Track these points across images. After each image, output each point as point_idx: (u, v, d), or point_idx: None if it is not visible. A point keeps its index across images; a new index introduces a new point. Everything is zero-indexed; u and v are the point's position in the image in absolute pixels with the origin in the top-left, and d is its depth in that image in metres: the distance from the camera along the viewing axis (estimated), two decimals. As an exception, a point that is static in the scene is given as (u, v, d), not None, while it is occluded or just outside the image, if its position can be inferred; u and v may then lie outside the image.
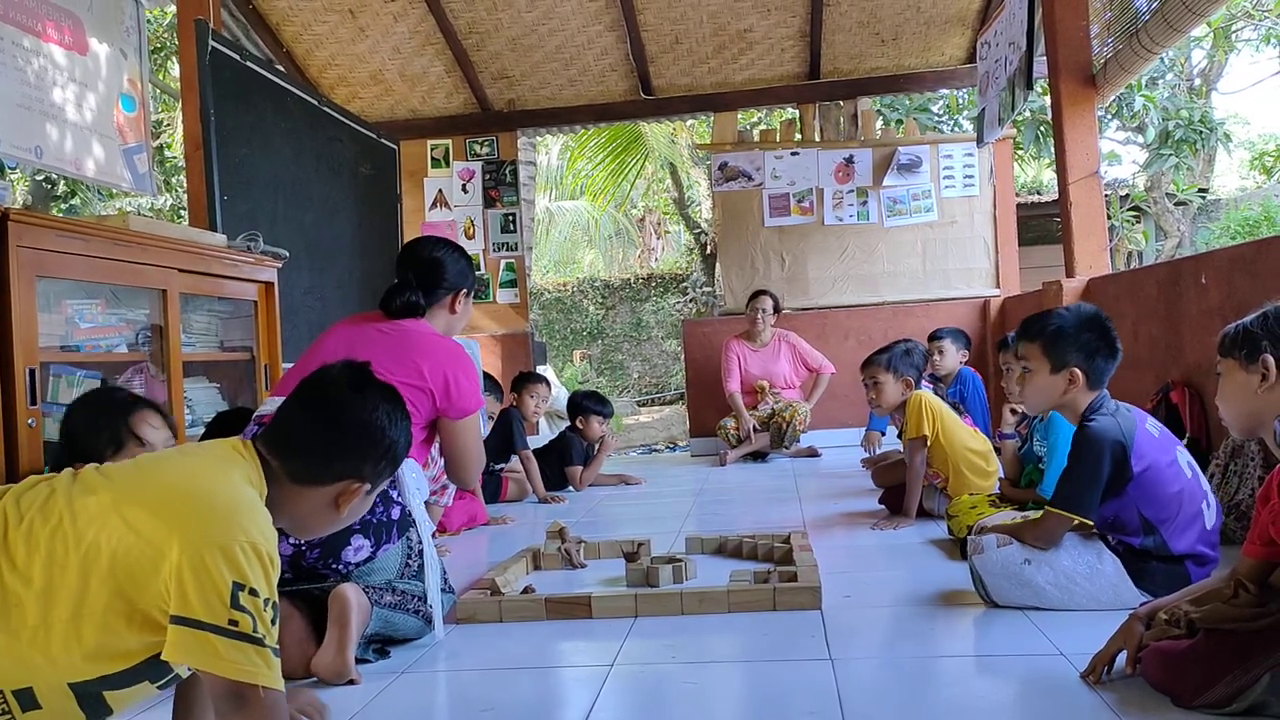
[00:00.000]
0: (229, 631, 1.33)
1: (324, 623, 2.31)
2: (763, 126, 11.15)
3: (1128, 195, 12.68)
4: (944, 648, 2.43)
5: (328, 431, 1.59)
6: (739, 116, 7.92)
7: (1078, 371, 2.48)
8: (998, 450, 3.84)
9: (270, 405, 2.48)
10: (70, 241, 3.21)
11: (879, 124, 8.11)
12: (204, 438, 3.22)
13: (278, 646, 1.39)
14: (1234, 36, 12.47)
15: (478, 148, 7.86)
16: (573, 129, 8.90)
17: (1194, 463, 2.53)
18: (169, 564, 1.33)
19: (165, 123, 11.85)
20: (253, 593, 1.35)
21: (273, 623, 1.39)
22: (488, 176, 7.84)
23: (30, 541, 1.35)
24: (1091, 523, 2.46)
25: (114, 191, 10.16)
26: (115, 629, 1.35)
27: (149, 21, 6.16)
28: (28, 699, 1.34)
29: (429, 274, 2.70)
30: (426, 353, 2.54)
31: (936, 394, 4.27)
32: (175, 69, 9.53)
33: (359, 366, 1.70)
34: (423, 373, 2.52)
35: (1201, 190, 13.67)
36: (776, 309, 6.72)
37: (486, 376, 5.07)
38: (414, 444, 2.41)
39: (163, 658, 1.35)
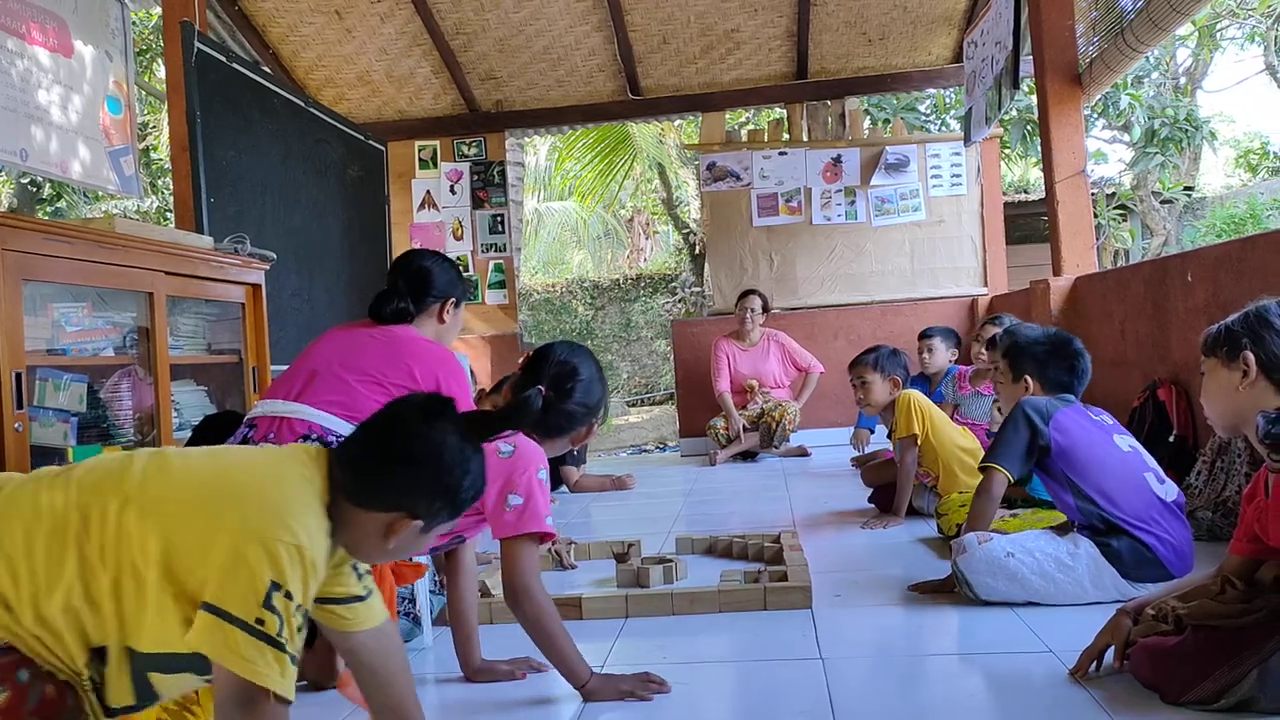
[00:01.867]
0: (253, 629, 1.31)
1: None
2: (750, 126, 11.16)
3: (1114, 194, 12.74)
4: (934, 646, 2.44)
5: (387, 457, 1.51)
6: (727, 116, 7.92)
7: (1029, 380, 2.86)
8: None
9: (261, 408, 2.48)
10: (56, 244, 3.19)
11: (866, 124, 8.13)
12: (191, 441, 3.20)
13: (298, 656, 1.37)
14: (1219, 35, 12.54)
15: (465, 148, 7.85)
16: (561, 129, 8.89)
17: (1138, 447, 2.68)
18: (210, 553, 1.34)
19: (151, 125, 11.80)
20: (287, 595, 1.34)
21: (299, 630, 1.37)
22: (476, 177, 7.83)
23: (99, 517, 1.37)
24: (1012, 477, 2.70)
25: (100, 194, 10.11)
26: (166, 608, 1.36)
27: (134, 23, 6.13)
28: (102, 656, 1.37)
29: (417, 282, 2.70)
30: (418, 356, 2.55)
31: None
32: (161, 71, 9.49)
33: (442, 397, 1.60)
34: (414, 375, 2.52)
35: (1187, 188, 13.75)
36: (765, 308, 6.73)
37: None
38: None
39: (184, 639, 1.34)
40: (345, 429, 2.37)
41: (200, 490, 1.40)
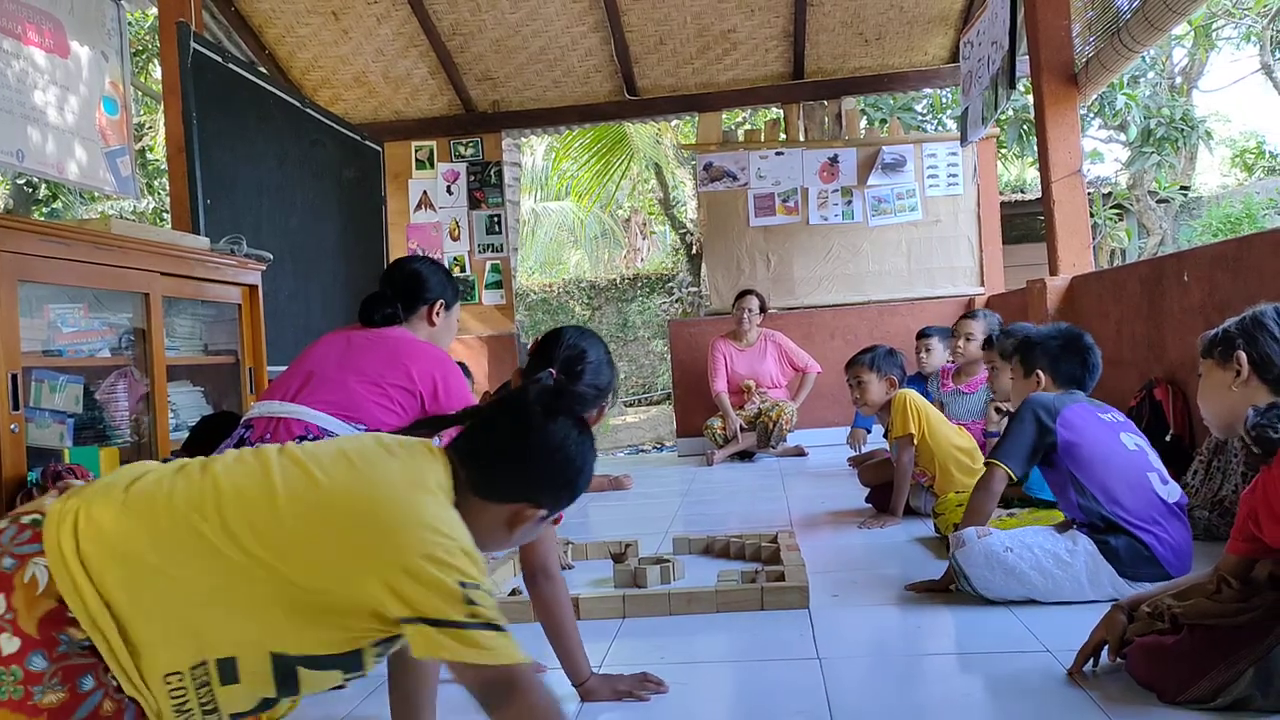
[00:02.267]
0: (472, 624, 1.35)
1: None
2: (747, 126, 11.17)
3: (1110, 193, 12.75)
4: (931, 645, 2.44)
5: (513, 452, 1.55)
6: (723, 117, 7.92)
7: (1041, 374, 2.83)
8: (983, 448, 3.86)
9: (258, 409, 2.48)
10: (52, 245, 3.19)
11: (863, 123, 8.14)
12: (189, 442, 3.20)
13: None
14: (1214, 34, 12.55)
15: (462, 149, 7.84)
16: (557, 130, 8.89)
17: (1144, 444, 2.67)
18: (385, 575, 1.34)
19: (147, 126, 11.79)
20: (476, 586, 1.37)
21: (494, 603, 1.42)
22: (472, 178, 7.82)
23: (247, 521, 1.36)
24: (1015, 476, 2.69)
25: (95, 195, 10.11)
26: (329, 619, 1.37)
27: (130, 24, 6.13)
28: (229, 671, 1.35)
29: (406, 285, 2.72)
30: (414, 356, 2.56)
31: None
32: (157, 71, 9.48)
33: (555, 389, 1.64)
34: (412, 376, 2.54)
35: (1183, 188, 13.77)
36: (763, 309, 6.74)
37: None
38: None
39: (415, 654, 1.36)
40: (342, 428, 2.38)
41: (358, 511, 1.39)
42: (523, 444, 1.54)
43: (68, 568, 1.30)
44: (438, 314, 2.75)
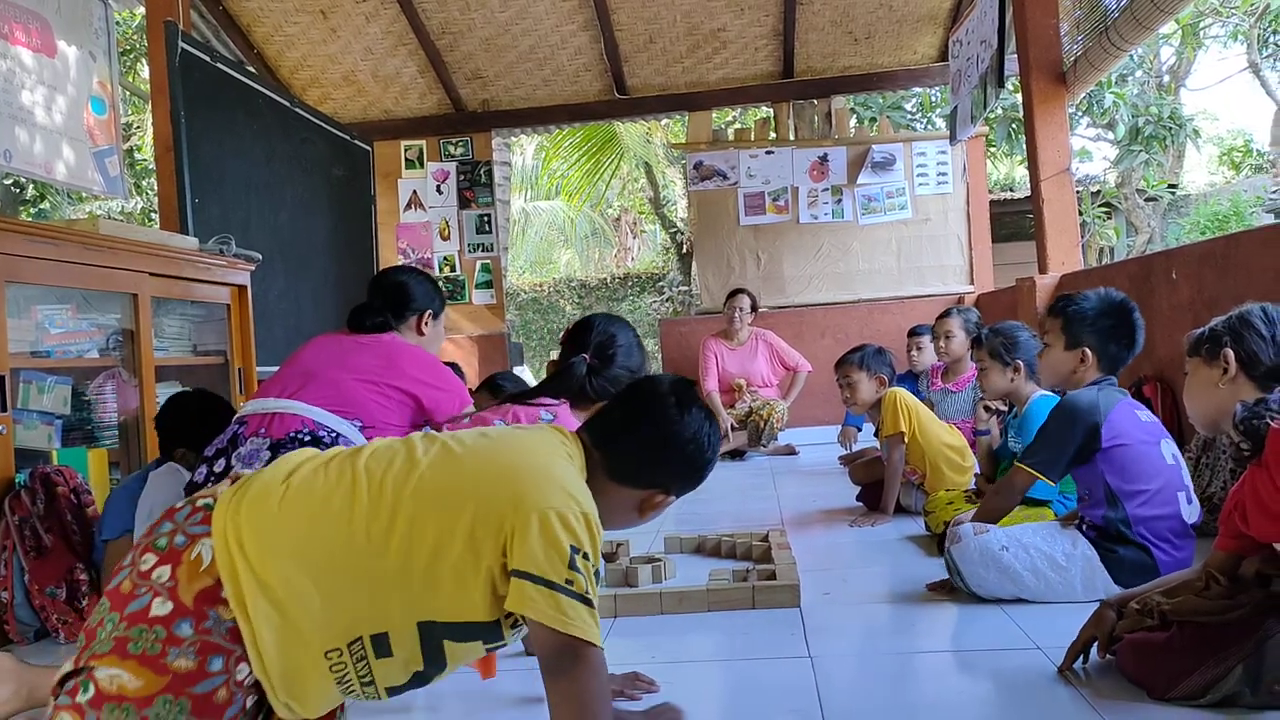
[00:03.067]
0: (565, 589, 1.44)
1: None
2: (737, 125, 11.16)
3: (1099, 191, 12.81)
4: (923, 643, 2.45)
5: (652, 442, 1.65)
6: (713, 116, 7.92)
7: (1088, 352, 2.60)
8: (973, 446, 3.87)
9: (253, 406, 2.49)
10: (40, 246, 3.18)
11: (853, 122, 8.15)
12: (159, 419, 3.16)
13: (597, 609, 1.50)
14: (1202, 33, 12.62)
15: (452, 148, 7.83)
16: (547, 129, 8.89)
17: (1180, 458, 2.56)
18: (509, 524, 1.45)
19: (135, 125, 11.73)
20: (585, 556, 1.47)
21: (596, 586, 1.50)
22: (462, 177, 7.81)
23: (392, 497, 1.48)
24: (1051, 483, 2.59)
25: (83, 195, 10.06)
26: (465, 580, 1.47)
27: (117, 23, 6.10)
28: (383, 645, 1.46)
29: (395, 296, 2.77)
30: (409, 360, 2.60)
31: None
32: (145, 71, 9.43)
33: (685, 382, 1.74)
34: (409, 377, 2.58)
35: (1171, 186, 13.83)
36: (754, 308, 6.74)
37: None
38: None
39: (506, 607, 1.46)
40: (339, 424, 2.41)
41: (492, 470, 1.52)
42: (662, 435, 1.65)
43: (229, 551, 1.41)
44: (426, 324, 2.81)
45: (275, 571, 1.42)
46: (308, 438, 2.37)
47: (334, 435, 2.41)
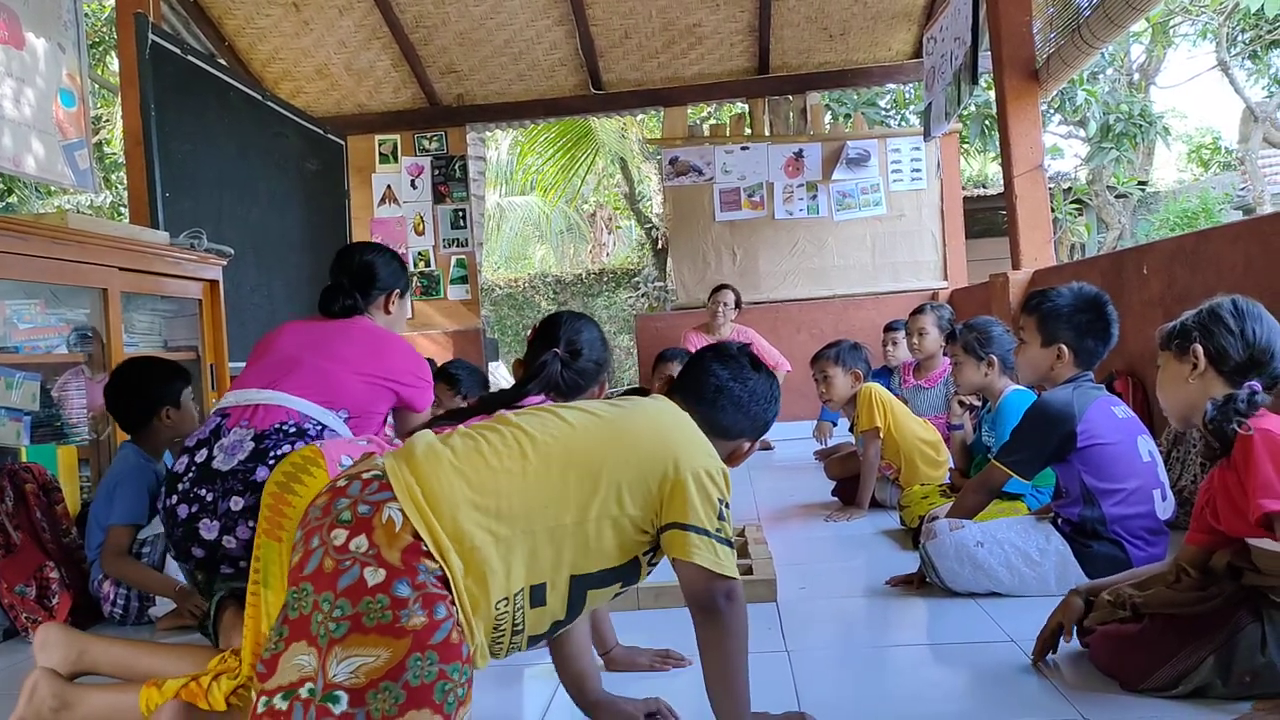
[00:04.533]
0: (719, 537, 1.64)
1: None
2: (713, 121, 11.16)
3: (1070, 188, 12.91)
4: (898, 637, 2.46)
5: (741, 399, 1.87)
6: (689, 111, 7.92)
7: (1064, 348, 2.61)
8: (947, 441, 3.89)
9: (234, 397, 2.46)
10: (7, 240, 3.13)
11: (828, 118, 8.18)
12: (109, 389, 3.13)
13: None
14: (1172, 32, 12.74)
15: (426, 143, 7.79)
16: (522, 124, 8.86)
17: (1156, 454, 2.58)
18: (667, 480, 1.63)
19: (105, 118, 11.59)
20: (727, 505, 1.68)
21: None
22: (437, 172, 7.77)
23: (561, 458, 1.61)
24: (1025, 481, 2.64)
25: (52, 189, 9.93)
26: (615, 533, 1.62)
27: (87, 15, 6.02)
28: (540, 595, 1.58)
29: (362, 276, 2.76)
30: (395, 353, 2.64)
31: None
32: (115, 63, 9.32)
33: (746, 347, 1.96)
34: (391, 368, 2.59)
35: (1141, 183, 13.96)
36: (738, 304, 6.73)
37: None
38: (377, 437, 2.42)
39: (670, 556, 1.65)
40: (323, 415, 2.42)
41: (648, 434, 1.69)
42: (749, 391, 1.89)
43: (419, 510, 1.49)
44: (393, 303, 2.81)
45: (459, 526, 1.51)
46: (292, 429, 2.36)
47: (320, 428, 2.39)
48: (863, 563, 3.19)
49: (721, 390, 1.87)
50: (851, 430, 4.17)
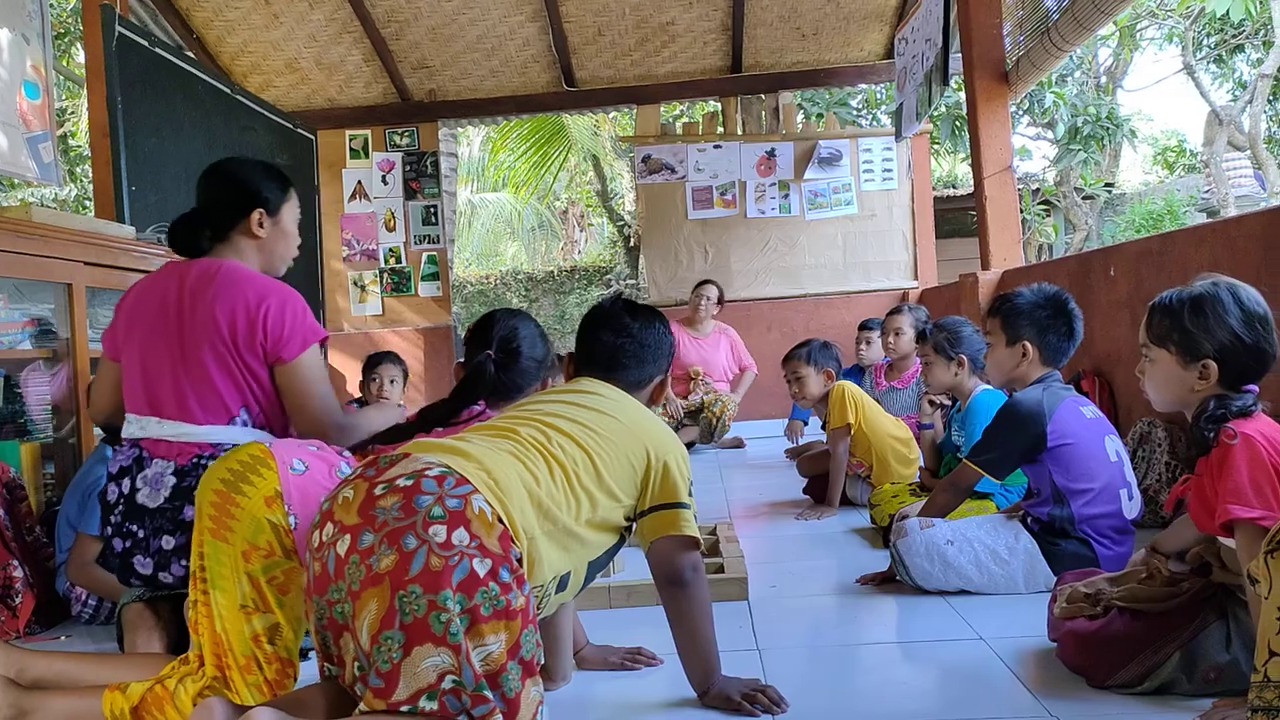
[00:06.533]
0: (690, 507, 1.92)
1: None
2: (685, 119, 11.18)
3: (1038, 189, 13.03)
4: (868, 635, 2.47)
5: (640, 350, 2.05)
6: (662, 109, 7.92)
7: (1028, 345, 2.66)
8: (918, 439, 3.91)
9: (137, 429, 2.26)
10: (-31, 234, 3.08)
11: (800, 118, 8.20)
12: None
13: None
14: (1138, 35, 12.88)
15: (398, 138, 7.74)
16: (494, 120, 8.81)
17: (1123, 454, 2.61)
18: (651, 468, 1.87)
19: (70, 110, 11.42)
20: (692, 481, 1.95)
21: None
22: (408, 168, 7.72)
23: (564, 461, 1.77)
24: (996, 481, 2.70)
25: (15, 182, 9.77)
26: (612, 519, 1.84)
27: (52, 6, 5.93)
28: (564, 582, 1.77)
29: (217, 196, 2.34)
30: (236, 304, 2.21)
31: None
32: (80, 55, 9.18)
33: (618, 293, 2.23)
34: (237, 325, 2.21)
35: (1108, 185, 14.12)
36: (720, 299, 6.73)
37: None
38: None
39: (659, 532, 1.89)
40: (232, 435, 2.22)
41: (638, 427, 1.91)
42: (636, 342, 2.05)
43: (500, 498, 1.61)
44: (260, 225, 2.34)
45: (523, 519, 1.64)
46: (208, 459, 2.16)
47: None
48: (834, 561, 3.20)
49: (617, 351, 2.04)
50: (823, 429, 4.19)
